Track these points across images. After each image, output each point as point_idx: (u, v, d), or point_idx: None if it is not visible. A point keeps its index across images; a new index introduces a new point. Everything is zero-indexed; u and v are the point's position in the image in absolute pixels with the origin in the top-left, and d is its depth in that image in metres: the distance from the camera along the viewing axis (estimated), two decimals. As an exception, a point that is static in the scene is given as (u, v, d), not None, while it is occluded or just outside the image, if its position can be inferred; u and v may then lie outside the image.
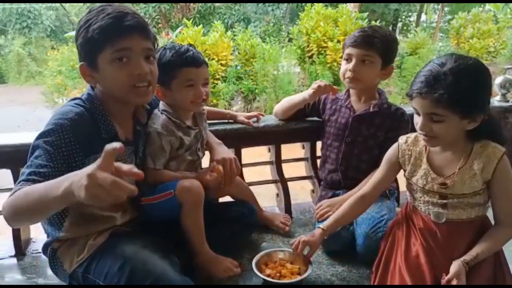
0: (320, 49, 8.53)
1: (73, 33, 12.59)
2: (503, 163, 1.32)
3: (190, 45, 1.66)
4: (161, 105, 1.68)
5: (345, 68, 1.84)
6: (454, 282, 1.26)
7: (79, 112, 1.30)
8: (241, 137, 2.02)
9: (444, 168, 1.39)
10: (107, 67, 1.30)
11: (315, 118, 2.06)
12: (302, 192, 2.57)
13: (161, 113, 1.65)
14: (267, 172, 2.30)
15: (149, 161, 1.58)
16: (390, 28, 9.58)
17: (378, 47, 1.77)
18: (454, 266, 1.29)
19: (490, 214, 1.41)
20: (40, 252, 1.77)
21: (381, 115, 1.85)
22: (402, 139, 1.50)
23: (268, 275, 1.51)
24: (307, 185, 2.32)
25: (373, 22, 8.74)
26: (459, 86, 1.23)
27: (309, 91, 1.89)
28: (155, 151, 1.59)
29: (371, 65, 1.79)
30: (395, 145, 1.52)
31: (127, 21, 1.27)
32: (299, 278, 1.50)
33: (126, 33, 1.28)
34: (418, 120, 1.32)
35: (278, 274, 1.52)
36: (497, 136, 1.36)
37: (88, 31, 1.27)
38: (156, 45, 1.41)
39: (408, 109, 2.20)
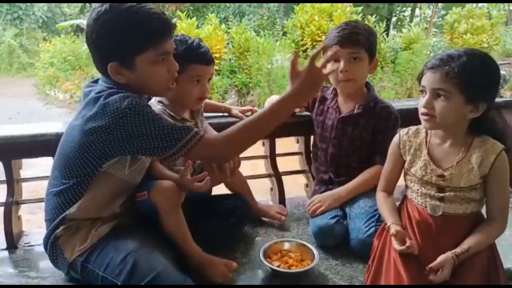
0: (314, 43, 8.52)
1: (65, 23, 12.45)
2: (501, 159, 1.33)
3: (200, 39, 1.65)
4: None
5: (334, 69, 1.75)
6: (439, 272, 1.28)
7: (138, 96, 1.33)
8: (236, 131, 2.01)
9: (443, 160, 1.40)
10: (147, 67, 1.33)
11: (309, 113, 2.05)
12: (295, 187, 2.57)
13: (158, 103, 1.64)
14: (261, 166, 2.30)
15: None
16: (384, 23, 9.56)
17: (363, 43, 1.74)
18: (442, 257, 1.30)
19: (484, 211, 1.43)
20: (32, 245, 1.77)
21: (366, 115, 1.83)
22: (403, 130, 1.53)
23: (278, 266, 1.52)
24: (300, 179, 2.32)
25: (368, 17, 8.76)
26: (471, 65, 1.28)
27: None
28: None
29: (360, 62, 1.76)
30: (396, 137, 1.54)
31: (169, 24, 1.34)
32: (311, 265, 1.52)
33: (168, 36, 1.34)
34: (422, 101, 1.35)
35: (286, 264, 1.54)
36: (500, 136, 1.37)
37: (130, 33, 1.27)
38: None
39: (399, 104, 2.22)
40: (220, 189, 1.90)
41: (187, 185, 1.51)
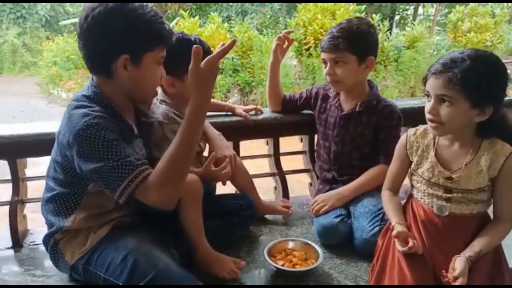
0: (317, 41, 8.49)
1: (68, 21, 12.41)
2: (510, 161, 1.33)
3: (196, 35, 1.66)
4: (160, 95, 1.66)
5: (324, 72, 1.84)
6: (460, 280, 1.25)
7: (99, 115, 1.25)
8: (239, 130, 2.02)
9: (451, 162, 1.39)
10: (151, 66, 1.35)
11: (311, 111, 2.05)
12: (298, 185, 2.57)
13: (160, 103, 1.64)
14: (264, 165, 2.30)
15: (154, 151, 1.57)
16: (387, 21, 9.53)
17: (344, 47, 1.73)
18: (460, 263, 1.28)
19: (489, 210, 1.42)
20: (37, 244, 1.77)
21: (368, 113, 1.83)
22: (411, 131, 1.51)
23: (282, 265, 1.53)
24: (304, 178, 2.32)
25: (373, 15, 8.74)
26: (474, 70, 1.25)
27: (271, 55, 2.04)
28: (159, 141, 1.57)
29: (345, 65, 1.76)
30: (403, 137, 1.53)
31: (172, 33, 1.40)
32: (315, 264, 1.52)
33: (168, 43, 1.38)
34: (428, 105, 1.34)
35: (291, 263, 1.54)
36: (509, 137, 1.36)
37: (147, 28, 1.29)
38: None
39: (402, 102, 2.21)
40: (224, 189, 1.90)
41: (213, 176, 1.57)
